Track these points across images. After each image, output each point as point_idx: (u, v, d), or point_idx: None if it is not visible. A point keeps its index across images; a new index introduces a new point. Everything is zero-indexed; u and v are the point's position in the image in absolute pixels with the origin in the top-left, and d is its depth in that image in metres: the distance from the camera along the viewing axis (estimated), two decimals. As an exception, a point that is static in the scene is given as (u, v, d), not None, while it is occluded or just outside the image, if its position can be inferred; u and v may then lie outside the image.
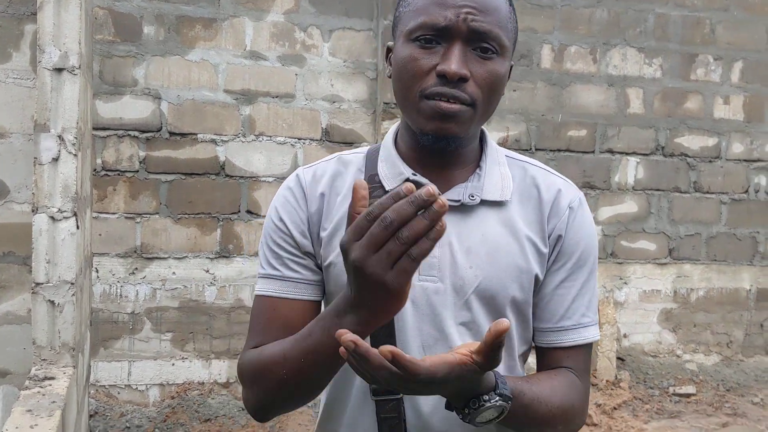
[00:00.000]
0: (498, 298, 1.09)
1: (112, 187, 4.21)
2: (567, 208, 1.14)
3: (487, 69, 1.03)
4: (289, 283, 1.14)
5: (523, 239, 1.11)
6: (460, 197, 1.10)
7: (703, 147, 5.12)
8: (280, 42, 4.41)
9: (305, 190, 1.16)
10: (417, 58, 1.03)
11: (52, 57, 2.49)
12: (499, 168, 1.15)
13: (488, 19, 1.02)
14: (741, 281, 5.25)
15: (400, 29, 1.08)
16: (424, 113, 1.03)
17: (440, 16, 1.01)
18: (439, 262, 1.09)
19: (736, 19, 5.10)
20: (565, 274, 1.14)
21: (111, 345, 4.24)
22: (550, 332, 1.15)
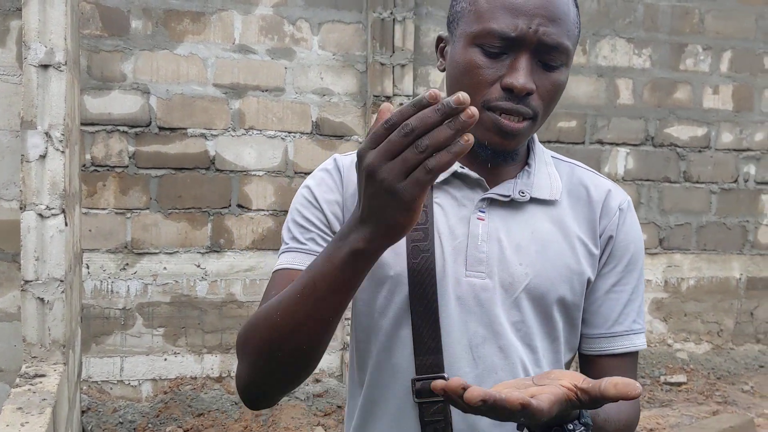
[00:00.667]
0: (547, 298, 1.05)
1: (102, 182, 4.20)
2: (617, 209, 1.10)
3: (552, 81, 0.99)
4: (314, 257, 1.00)
5: (574, 239, 1.07)
6: (509, 192, 1.06)
7: (693, 137, 5.14)
8: (269, 35, 4.40)
9: (342, 174, 1.10)
10: (481, 66, 0.97)
11: (38, 53, 2.47)
12: (547, 167, 1.11)
13: (558, 30, 0.96)
14: (731, 270, 5.28)
15: (461, 28, 1.01)
16: (484, 124, 0.98)
17: (511, 24, 0.95)
18: (488, 257, 1.04)
19: (725, 8, 5.11)
20: (616, 277, 1.10)
21: (103, 341, 4.24)
22: (601, 338, 1.10)
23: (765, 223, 5.31)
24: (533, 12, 0.95)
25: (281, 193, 4.45)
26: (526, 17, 0.95)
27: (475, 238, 1.04)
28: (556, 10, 0.96)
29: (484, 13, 0.97)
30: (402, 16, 4.39)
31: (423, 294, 1.02)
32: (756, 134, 5.24)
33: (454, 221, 1.05)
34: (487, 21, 0.97)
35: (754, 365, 5.13)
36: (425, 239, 1.03)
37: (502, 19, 0.95)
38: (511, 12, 0.95)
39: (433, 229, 1.04)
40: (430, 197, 1.05)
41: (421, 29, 4.60)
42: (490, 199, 1.06)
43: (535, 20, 0.95)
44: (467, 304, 1.03)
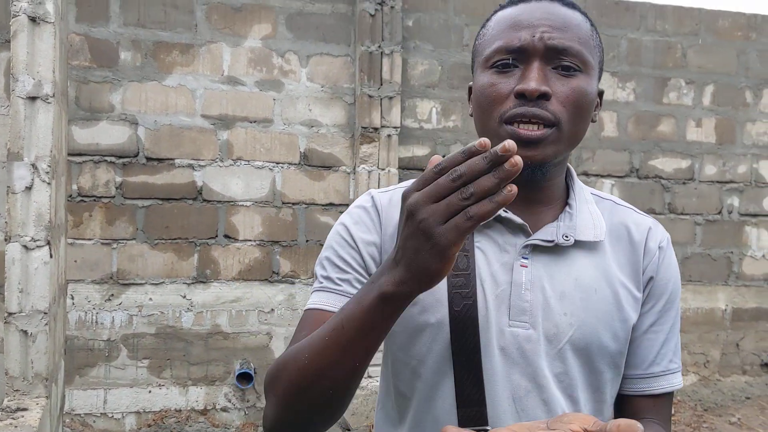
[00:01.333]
0: (592, 349, 1.02)
1: (88, 213, 4.18)
2: (658, 248, 1.08)
3: (570, 86, 0.96)
4: (346, 300, 1.01)
5: (618, 285, 1.04)
6: (553, 237, 1.03)
7: (677, 169, 5.19)
8: (257, 67, 4.43)
9: (380, 212, 1.08)
10: (495, 83, 0.98)
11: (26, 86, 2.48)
12: (588, 206, 1.08)
13: (567, 35, 0.96)
14: (716, 301, 5.31)
15: (477, 61, 1.04)
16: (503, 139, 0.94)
17: (515, 37, 0.96)
18: (531, 306, 1.01)
19: (706, 43, 5.21)
20: (654, 317, 1.07)
21: (86, 373, 4.19)
22: (639, 379, 1.08)
23: (749, 254, 5.35)
24: (536, 23, 0.97)
25: (268, 224, 4.45)
26: (530, 28, 0.96)
27: (518, 286, 1.01)
28: (560, 19, 0.97)
29: (492, 37, 1.00)
30: (390, 49, 4.44)
31: (465, 343, 0.99)
32: (739, 166, 5.31)
33: (497, 267, 1.03)
34: (493, 43, 0.99)
35: (740, 397, 5.13)
36: (467, 286, 1.00)
37: (508, 35, 0.97)
38: (514, 27, 0.98)
39: (475, 276, 1.01)
40: (471, 242, 1.03)
41: (409, 62, 4.66)
42: (533, 245, 1.03)
43: (539, 29, 0.96)
44: (511, 355, 1.00)
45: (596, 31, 1.04)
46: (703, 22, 5.20)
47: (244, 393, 4.40)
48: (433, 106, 4.74)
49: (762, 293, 5.38)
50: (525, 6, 1.00)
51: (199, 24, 4.33)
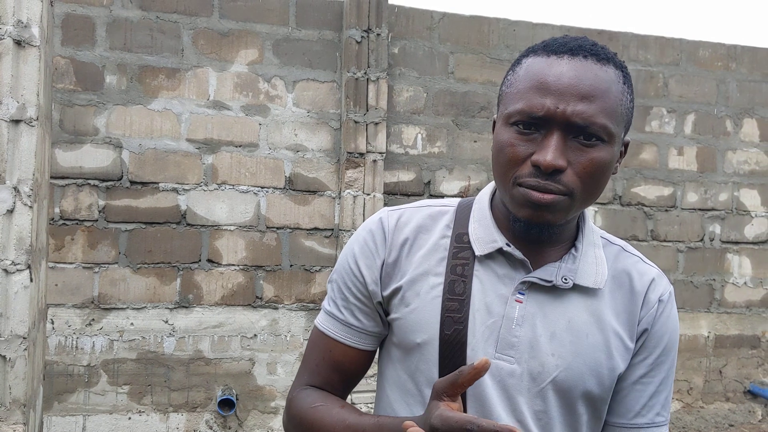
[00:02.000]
0: (574, 392, 1.04)
1: (70, 236, 4.15)
2: (657, 301, 1.08)
3: (589, 158, 0.97)
4: (349, 330, 1.13)
5: (610, 333, 1.06)
6: (552, 278, 1.05)
7: (659, 196, 5.24)
8: (243, 92, 4.45)
9: (386, 235, 1.12)
10: (514, 144, 0.98)
11: (10, 109, 2.47)
12: (595, 250, 1.09)
13: (591, 108, 0.95)
14: (699, 328, 5.33)
15: (501, 109, 1.04)
16: (516, 200, 0.99)
17: (539, 104, 0.96)
18: (519, 342, 1.03)
19: (687, 73, 5.29)
20: (645, 369, 1.08)
21: (65, 399, 4.12)
22: (623, 428, 1.09)
23: (731, 281, 5.40)
24: (563, 91, 0.95)
25: (252, 248, 4.43)
26: (555, 97, 0.95)
27: (510, 320, 1.04)
28: (589, 89, 0.96)
29: (518, 93, 0.99)
30: (375, 75, 4.47)
31: (453, 367, 1.02)
32: (720, 194, 5.37)
33: (492, 298, 1.05)
34: (518, 101, 0.98)
35: (724, 424, 5.14)
36: (460, 311, 1.04)
37: (532, 99, 0.96)
38: (541, 92, 0.96)
39: (469, 303, 1.04)
40: (471, 269, 1.06)
41: (395, 89, 4.69)
42: (531, 282, 1.05)
43: (564, 99, 0.95)
44: (491, 387, 1.03)
45: (629, 85, 1.02)
46: (684, 52, 5.28)
47: (225, 420, 4.34)
48: (418, 132, 4.77)
49: (744, 320, 5.42)
50: (556, 62, 0.98)
51: (186, 49, 4.35)
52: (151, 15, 4.28)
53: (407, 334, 1.07)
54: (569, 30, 5.04)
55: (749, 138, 5.42)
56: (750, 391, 5.38)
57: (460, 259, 1.07)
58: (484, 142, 4.87)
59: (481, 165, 4.88)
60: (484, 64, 4.85)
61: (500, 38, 4.92)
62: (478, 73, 4.86)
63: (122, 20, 4.24)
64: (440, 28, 4.81)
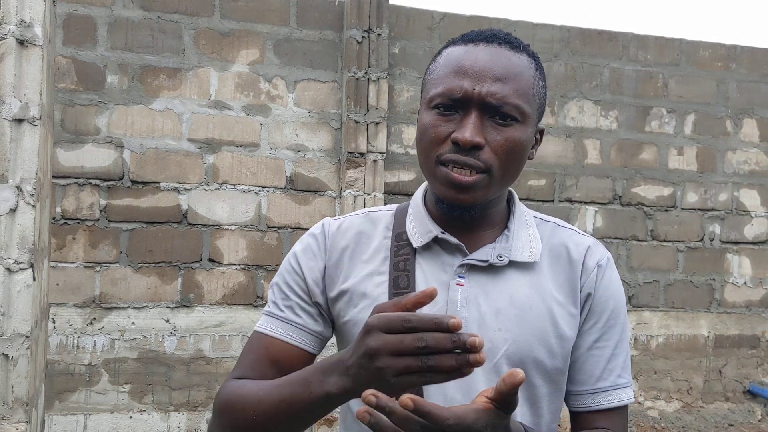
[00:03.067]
0: (527, 363, 1.06)
1: (72, 235, 4.16)
2: (596, 266, 1.13)
3: (505, 136, 1.03)
4: (288, 327, 1.14)
5: (553, 302, 1.09)
6: (488, 257, 1.09)
7: (659, 196, 5.25)
8: (244, 92, 4.45)
9: (327, 239, 1.16)
10: (436, 125, 1.04)
11: (13, 108, 2.48)
12: (528, 229, 1.14)
13: (506, 89, 1.02)
14: (699, 328, 5.34)
15: (424, 96, 1.10)
16: (439, 179, 1.04)
17: (457, 86, 1.02)
18: (466, 323, 1.06)
19: (687, 73, 5.30)
20: (597, 334, 1.11)
21: (66, 398, 4.13)
22: (587, 395, 1.12)
23: (731, 281, 5.41)
24: (478, 73, 1.02)
25: (253, 248, 4.44)
26: (471, 79, 1.02)
27: (454, 303, 1.07)
28: (503, 71, 1.03)
29: (438, 79, 1.06)
30: (376, 75, 4.48)
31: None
32: (720, 194, 5.38)
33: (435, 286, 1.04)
34: (439, 85, 1.05)
35: (723, 423, 5.15)
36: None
37: (451, 82, 1.03)
38: (459, 75, 1.03)
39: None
40: (412, 261, 1.10)
41: (395, 89, 4.70)
42: (470, 265, 1.09)
43: (480, 80, 1.01)
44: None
45: (541, 72, 1.09)
46: (684, 52, 5.29)
47: (226, 419, 4.34)
48: (418, 132, 4.77)
49: (743, 320, 5.43)
50: (473, 48, 1.05)
51: (187, 48, 4.36)
52: (153, 15, 4.29)
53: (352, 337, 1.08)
54: (569, 30, 5.05)
55: (749, 138, 5.43)
56: (749, 391, 5.39)
57: (402, 256, 1.11)
58: (484, 142, 4.88)
59: (482, 165, 4.88)
60: (485, 65, 4.86)
61: (500, 38, 4.92)
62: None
63: (123, 20, 4.25)
64: (441, 29, 4.82)
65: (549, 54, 5.01)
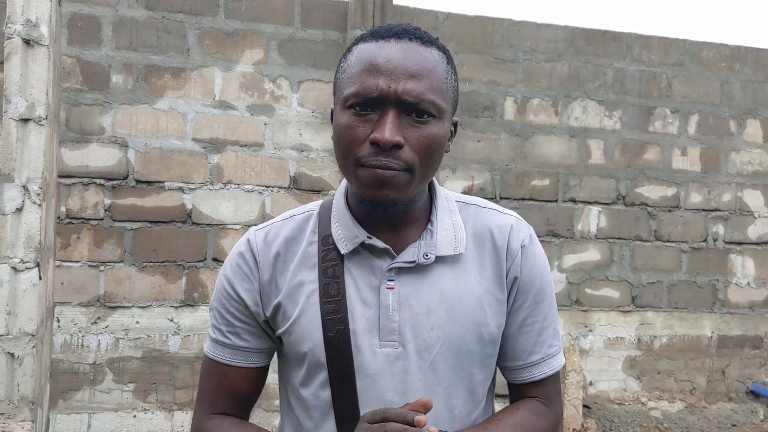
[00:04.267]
0: (461, 356, 1.09)
1: (76, 235, 4.17)
2: (520, 247, 1.14)
3: (423, 133, 1.02)
4: (238, 352, 1.16)
5: (481, 292, 1.11)
6: (414, 258, 1.09)
7: (663, 197, 5.25)
8: (249, 92, 4.46)
9: (257, 256, 1.15)
10: (353, 125, 1.02)
11: (19, 107, 2.49)
12: (451, 217, 1.14)
13: (420, 86, 1.01)
14: (702, 328, 5.34)
15: (337, 96, 1.08)
16: (361, 180, 1.03)
17: (372, 85, 1.00)
18: (399, 326, 1.07)
19: (691, 74, 5.30)
20: (526, 312, 1.14)
21: (71, 397, 4.14)
22: (521, 369, 1.16)
23: (734, 282, 5.40)
24: (393, 71, 1.00)
25: (257, 248, 4.44)
26: (386, 76, 1.00)
27: (386, 308, 1.08)
28: (417, 67, 1.02)
29: (352, 77, 1.04)
30: (380, 75, 4.48)
31: (340, 368, 1.07)
32: (723, 195, 5.37)
33: (366, 292, 1.09)
34: (353, 84, 1.03)
35: (726, 424, 5.14)
36: (339, 311, 1.07)
37: (366, 81, 1.01)
38: (373, 74, 1.01)
39: (346, 302, 1.08)
40: (341, 269, 1.10)
41: (399, 88, 4.70)
42: (398, 268, 1.09)
43: (395, 78, 1.00)
44: (383, 374, 1.07)
45: (453, 67, 1.09)
46: (687, 52, 5.29)
47: (230, 418, 4.35)
48: (422, 132, 4.78)
49: (746, 320, 5.43)
50: (385, 45, 1.03)
51: (191, 48, 4.36)
52: (157, 15, 4.30)
53: (294, 346, 1.11)
54: (573, 30, 5.05)
55: (753, 139, 5.43)
56: (752, 392, 5.38)
57: (330, 261, 1.11)
58: (487, 141, 4.89)
59: (485, 165, 4.89)
60: (488, 64, 4.86)
61: (504, 38, 4.93)
62: (482, 73, 4.87)
63: (128, 20, 4.26)
64: (444, 29, 4.82)
65: (553, 54, 5.01)
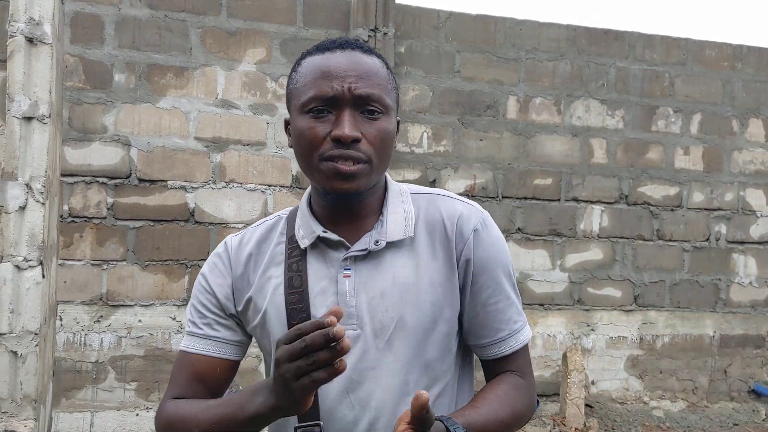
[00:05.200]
0: (415, 335, 1.15)
1: (79, 233, 4.17)
2: (471, 231, 1.20)
3: (376, 128, 1.12)
4: (210, 342, 1.23)
5: (433, 273, 1.18)
6: (366, 246, 1.17)
7: (665, 196, 5.25)
8: (251, 91, 4.46)
9: (231, 256, 1.26)
10: (313, 126, 1.11)
11: (22, 106, 2.49)
12: (402, 206, 1.21)
13: (369, 84, 1.12)
14: (704, 328, 5.33)
15: (293, 104, 1.17)
16: (325, 173, 1.11)
17: (327, 87, 1.10)
18: (357, 310, 1.15)
19: (693, 73, 5.29)
20: (488, 291, 1.20)
21: (73, 395, 4.14)
22: (489, 346, 1.21)
23: (737, 281, 5.40)
24: (344, 74, 1.11)
25: (260, 247, 4.44)
26: (339, 78, 1.11)
27: (343, 295, 1.16)
28: (364, 69, 1.13)
29: (306, 84, 1.14)
30: (382, 74, 4.48)
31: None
32: (726, 194, 5.37)
33: (325, 282, 1.18)
34: (308, 90, 1.13)
35: (728, 423, 5.14)
36: (301, 301, 1.17)
37: (320, 85, 1.11)
38: (325, 78, 1.11)
39: (308, 293, 1.17)
40: (304, 261, 1.19)
41: (401, 88, 4.70)
42: (353, 257, 1.17)
43: (346, 79, 1.11)
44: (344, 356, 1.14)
45: (392, 73, 1.20)
46: (690, 52, 5.29)
47: (232, 417, 4.36)
48: (424, 130, 4.78)
49: (748, 320, 5.42)
50: (331, 55, 1.14)
51: (194, 47, 4.37)
52: (160, 14, 4.31)
53: (264, 338, 1.21)
54: (575, 30, 5.04)
55: (755, 138, 5.42)
56: (754, 391, 5.38)
57: (294, 257, 1.20)
58: (490, 140, 4.89)
59: (487, 164, 4.89)
60: (491, 63, 4.86)
61: (506, 37, 4.93)
62: (485, 72, 4.87)
63: (131, 19, 4.26)
64: (447, 28, 4.82)
65: (555, 53, 5.01)
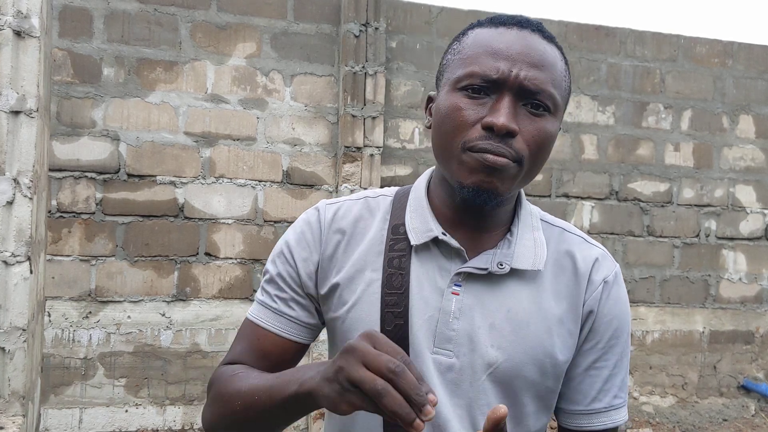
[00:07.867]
0: (516, 383, 1.01)
1: (67, 229, 4.14)
2: (602, 282, 1.05)
3: (537, 126, 0.96)
4: (281, 319, 1.09)
5: (552, 319, 1.02)
6: (487, 265, 1.01)
7: (656, 192, 5.26)
8: (241, 86, 4.44)
9: (323, 229, 1.10)
10: (463, 108, 0.96)
11: (9, 100, 2.46)
12: (533, 233, 1.06)
13: (542, 76, 0.95)
14: (694, 323, 5.36)
15: (446, 77, 1.01)
16: (467, 165, 0.95)
17: (492, 67, 0.94)
18: (457, 335, 1.00)
19: (684, 69, 5.30)
20: (597, 354, 1.05)
21: (62, 392, 4.12)
22: (581, 415, 1.07)
23: (726, 277, 5.42)
24: (516, 57, 0.95)
25: (250, 242, 4.43)
26: (508, 61, 0.94)
27: (447, 314, 1.01)
28: (539, 57, 0.96)
29: (468, 58, 0.97)
30: (373, 70, 4.47)
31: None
32: (716, 191, 5.39)
33: (429, 291, 1.02)
34: (470, 65, 0.96)
35: (718, 419, 5.17)
36: (400, 305, 1.01)
37: (485, 63, 0.95)
38: (493, 56, 0.95)
39: (408, 296, 1.01)
40: (408, 260, 1.03)
41: (392, 83, 4.69)
42: (468, 273, 1.02)
43: (517, 64, 0.94)
44: (431, 381, 1.00)
45: (569, 70, 1.03)
46: (681, 48, 5.30)
47: (222, 413, 4.34)
48: (415, 126, 4.77)
49: (738, 316, 5.45)
50: (505, 32, 0.98)
51: (184, 42, 4.34)
52: (149, 7, 4.27)
53: (348, 334, 1.04)
54: (567, 25, 5.04)
55: (745, 134, 5.44)
56: (743, 386, 5.41)
57: (397, 251, 1.04)
58: (481, 137, 4.87)
59: (479, 160, 4.88)
60: (482, 59, 4.85)
61: (498, 33, 4.91)
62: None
63: (120, 12, 4.23)
64: (438, 23, 4.81)
65: (546, 49, 5.00)
